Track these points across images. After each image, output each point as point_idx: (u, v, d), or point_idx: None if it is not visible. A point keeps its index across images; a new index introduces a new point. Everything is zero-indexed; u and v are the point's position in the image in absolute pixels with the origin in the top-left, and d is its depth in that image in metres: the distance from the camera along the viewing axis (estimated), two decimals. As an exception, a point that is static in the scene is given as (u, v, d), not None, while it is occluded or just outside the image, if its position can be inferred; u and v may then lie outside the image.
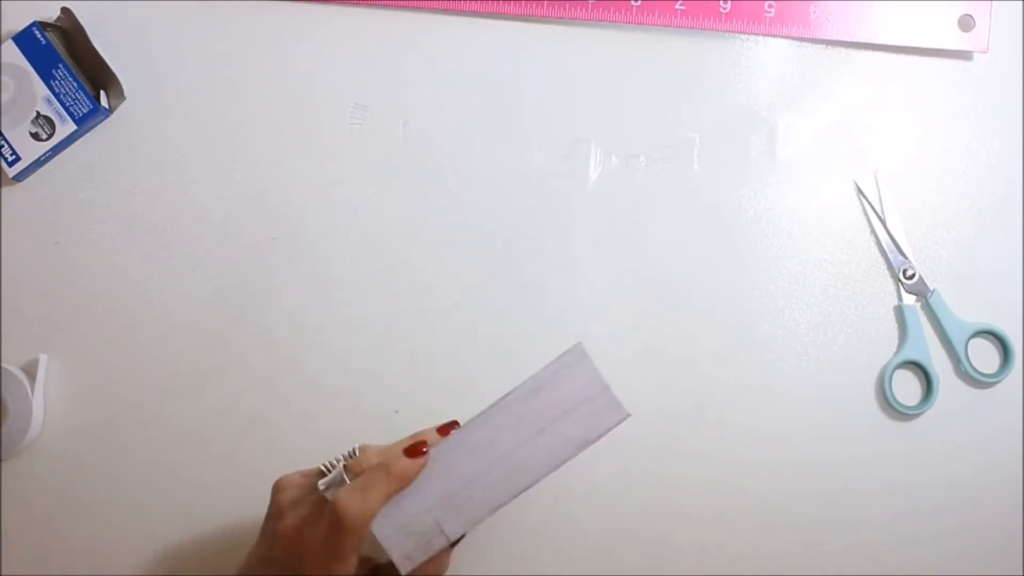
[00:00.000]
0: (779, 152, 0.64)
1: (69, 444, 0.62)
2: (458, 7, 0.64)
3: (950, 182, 0.64)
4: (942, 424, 0.62)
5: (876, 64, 0.65)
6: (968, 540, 0.62)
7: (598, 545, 0.61)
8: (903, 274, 0.63)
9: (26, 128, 0.62)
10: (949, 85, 0.65)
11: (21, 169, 0.62)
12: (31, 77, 0.62)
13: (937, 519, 0.62)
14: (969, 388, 0.63)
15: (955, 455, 0.62)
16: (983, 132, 0.64)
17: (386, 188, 0.64)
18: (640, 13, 0.64)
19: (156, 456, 0.62)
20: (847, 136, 0.64)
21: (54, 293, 0.63)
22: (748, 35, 0.65)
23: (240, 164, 0.64)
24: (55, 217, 0.64)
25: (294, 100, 0.64)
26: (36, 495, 0.62)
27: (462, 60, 0.65)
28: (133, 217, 0.64)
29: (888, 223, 0.63)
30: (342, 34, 0.65)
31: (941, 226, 0.64)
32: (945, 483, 0.62)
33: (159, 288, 0.63)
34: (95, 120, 0.63)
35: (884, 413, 0.62)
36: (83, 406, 0.63)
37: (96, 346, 0.63)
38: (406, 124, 0.64)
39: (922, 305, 0.63)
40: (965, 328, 0.62)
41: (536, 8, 0.64)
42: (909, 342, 0.62)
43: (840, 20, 0.64)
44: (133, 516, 0.62)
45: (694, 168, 0.64)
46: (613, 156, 0.64)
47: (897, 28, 0.64)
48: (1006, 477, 0.62)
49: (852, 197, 0.64)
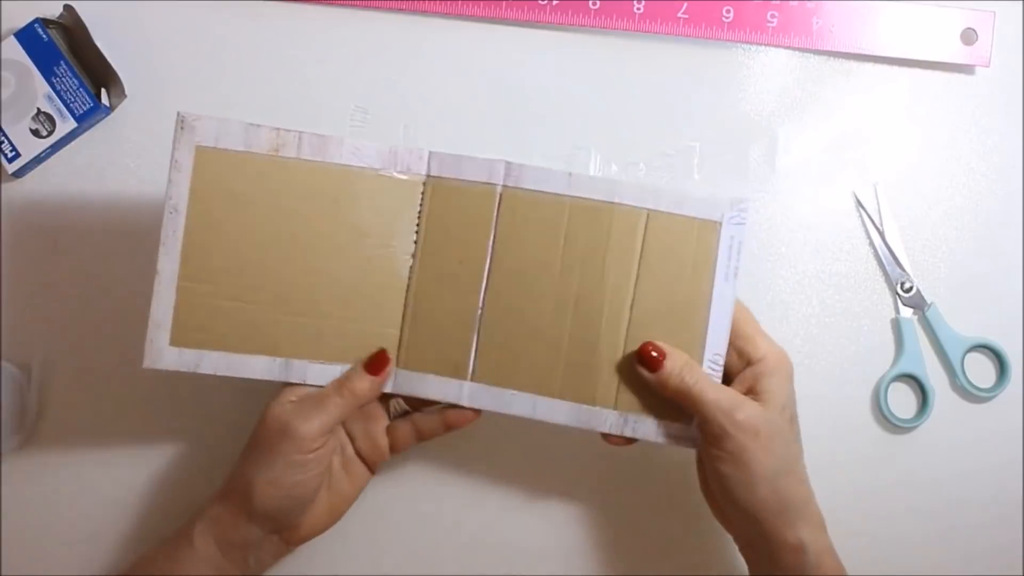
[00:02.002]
0: (779, 162, 0.64)
1: (64, 442, 0.62)
2: (460, 11, 0.64)
3: (949, 195, 0.64)
4: (937, 437, 0.62)
5: (878, 76, 0.65)
6: (963, 553, 0.62)
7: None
8: (901, 287, 0.63)
9: (26, 125, 0.62)
10: (950, 98, 0.65)
11: (21, 165, 0.62)
12: (32, 74, 0.62)
13: (932, 532, 0.62)
14: (965, 402, 0.63)
15: (950, 469, 0.62)
16: (983, 146, 0.64)
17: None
18: (643, 21, 0.64)
19: (153, 455, 0.62)
20: (847, 148, 0.64)
21: (52, 291, 0.63)
22: (750, 44, 0.65)
23: (240, 164, 0.64)
24: (54, 214, 0.64)
25: (295, 101, 0.64)
26: (32, 493, 0.62)
27: (464, 65, 0.65)
28: (132, 215, 0.64)
29: (887, 236, 0.63)
30: (344, 36, 0.65)
31: (940, 240, 0.64)
32: (940, 496, 0.62)
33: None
34: (96, 118, 0.63)
35: (879, 426, 0.62)
36: (78, 404, 0.63)
37: (93, 345, 0.63)
38: (407, 128, 0.64)
39: (919, 318, 0.63)
40: (962, 342, 0.62)
41: (538, 14, 0.64)
42: (905, 355, 0.62)
43: (843, 31, 0.64)
44: (130, 514, 0.62)
45: (694, 177, 0.64)
46: (613, 164, 0.64)
47: (899, 40, 0.64)
48: (1001, 491, 0.62)
49: (851, 209, 0.64)
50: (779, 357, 0.53)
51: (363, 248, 0.54)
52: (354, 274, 0.54)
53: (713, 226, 0.53)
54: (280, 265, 0.54)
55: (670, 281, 0.53)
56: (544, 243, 0.54)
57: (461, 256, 0.54)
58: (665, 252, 0.53)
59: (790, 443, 0.52)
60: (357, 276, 0.54)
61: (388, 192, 0.54)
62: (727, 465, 0.51)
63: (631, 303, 0.54)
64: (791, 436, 0.52)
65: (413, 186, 0.54)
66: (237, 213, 0.53)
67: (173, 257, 0.53)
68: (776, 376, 0.53)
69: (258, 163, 0.53)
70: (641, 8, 0.64)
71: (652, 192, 0.53)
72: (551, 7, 0.64)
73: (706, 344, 0.53)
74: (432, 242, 0.55)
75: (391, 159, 0.54)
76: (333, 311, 0.54)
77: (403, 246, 0.55)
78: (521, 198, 0.54)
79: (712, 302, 0.53)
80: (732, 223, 0.53)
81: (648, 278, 0.53)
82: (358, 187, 0.54)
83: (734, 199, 0.53)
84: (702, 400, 0.51)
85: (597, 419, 0.54)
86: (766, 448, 0.51)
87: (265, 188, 0.53)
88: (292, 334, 0.54)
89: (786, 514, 0.51)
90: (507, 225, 0.54)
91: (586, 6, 0.64)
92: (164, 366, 0.54)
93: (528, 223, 0.54)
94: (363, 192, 0.54)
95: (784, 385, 0.53)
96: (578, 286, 0.54)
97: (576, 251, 0.54)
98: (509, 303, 0.54)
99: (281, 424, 0.52)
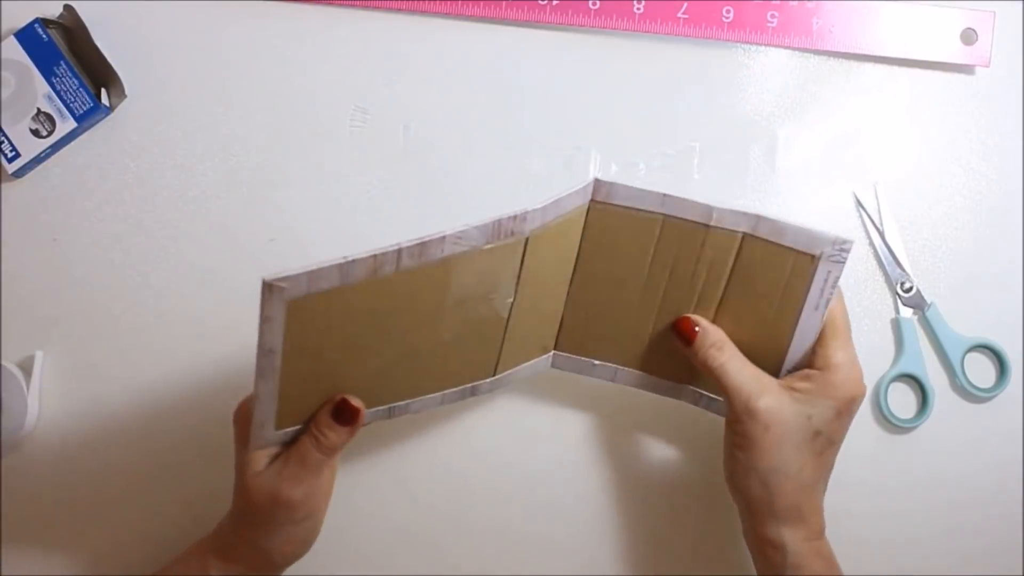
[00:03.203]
0: (779, 163, 0.64)
1: (65, 441, 0.62)
2: (460, 11, 0.64)
3: (949, 195, 0.64)
4: (937, 438, 0.62)
5: (878, 76, 0.65)
6: (964, 553, 0.62)
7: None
8: (901, 287, 0.63)
9: (26, 125, 0.62)
10: (950, 98, 0.65)
11: (21, 166, 0.62)
12: (32, 74, 0.62)
13: (932, 532, 0.62)
14: (965, 402, 0.63)
15: (950, 469, 0.62)
16: (983, 146, 0.64)
17: (385, 191, 0.64)
18: (642, 21, 0.64)
19: (152, 453, 0.62)
20: (847, 148, 0.64)
21: (51, 290, 0.63)
22: (750, 44, 0.65)
23: (240, 164, 0.64)
24: (54, 214, 0.64)
25: (295, 101, 0.64)
26: (32, 491, 0.62)
27: (463, 65, 0.65)
28: (132, 215, 0.64)
29: (887, 236, 0.63)
30: (344, 36, 0.65)
31: (939, 240, 0.64)
32: (940, 496, 0.62)
33: (156, 287, 0.63)
34: (95, 118, 0.63)
35: (879, 426, 0.62)
36: (79, 403, 0.63)
37: (92, 343, 0.63)
38: (406, 128, 0.64)
39: (919, 318, 0.63)
40: (962, 342, 0.62)
41: (538, 14, 0.64)
42: (905, 355, 0.62)
43: (843, 31, 0.64)
44: (129, 512, 0.62)
45: (694, 177, 0.64)
46: (613, 164, 0.64)
47: (899, 40, 0.64)
48: (1001, 491, 0.62)
49: (851, 209, 0.64)
50: (847, 380, 0.53)
51: (462, 311, 0.52)
52: (454, 335, 0.53)
53: (810, 259, 0.52)
54: (379, 355, 0.52)
55: (758, 299, 0.54)
56: (633, 252, 0.54)
57: (553, 272, 0.54)
58: (757, 273, 0.53)
59: (801, 450, 0.52)
60: (457, 335, 0.53)
61: (491, 257, 0.50)
62: (735, 446, 0.53)
63: (717, 307, 0.55)
64: (806, 446, 0.52)
65: (516, 244, 0.51)
66: (335, 332, 0.50)
67: (270, 381, 0.49)
68: (828, 393, 0.52)
69: (356, 289, 0.48)
70: (641, 8, 0.64)
71: (751, 219, 0.52)
72: (551, 7, 0.64)
73: (784, 365, 0.55)
74: (529, 277, 0.53)
75: (495, 232, 0.49)
76: (433, 367, 0.54)
77: (503, 293, 0.53)
78: (611, 212, 0.52)
79: (797, 328, 0.54)
80: (831, 260, 0.52)
81: (736, 291, 0.54)
82: (461, 267, 0.50)
83: (837, 239, 0.51)
84: (725, 380, 0.53)
85: (674, 391, 0.58)
86: (772, 445, 0.51)
87: (364, 307, 0.49)
88: (394, 388, 0.54)
89: (769, 511, 0.52)
90: (595, 232, 0.53)
91: (586, 6, 0.64)
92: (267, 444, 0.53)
93: (618, 233, 0.53)
94: (466, 270, 0.50)
95: (829, 406, 0.52)
96: (666, 288, 0.54)
97: (665, 261, 0.54)
98: (595, 296, 0.55)
99: (270, 495, 0.51)
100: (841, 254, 0.52)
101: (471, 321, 0.53)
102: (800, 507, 0.52)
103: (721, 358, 0.53)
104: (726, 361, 0.53)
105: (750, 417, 0.51)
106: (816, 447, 0.52)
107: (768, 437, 0.51)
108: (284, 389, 0.50)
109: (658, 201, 0.52)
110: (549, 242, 0.52)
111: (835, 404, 0.52)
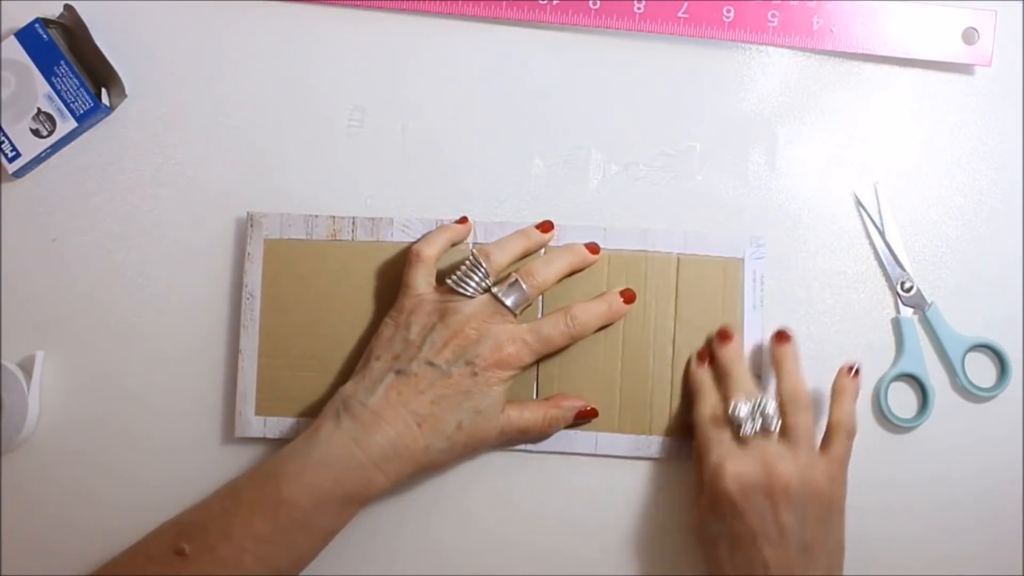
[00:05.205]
0: (779, 163, 0.64)
1: (65, 440, 0.63)
2: (460, 11, 0.64)
3: (950, 195, 0.64)
4: (938, 437, 0.62)
5: (878, 76, 0.65)
6: (963, 553, 0.62)
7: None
8: (901, 286, 0.63)
9: (27, 124, 0.62)
10: (951, 98, 0.65)
11: (21, 165, 0.63)
12: (33, 73, 0.62)
13: (932, 532, 0.62)
14: (965, 402, 0.63)
15: (950, 469, 0.62)
16: (984, 146, 0.64)
17: (384, 191, 0.64)
18: (643, 21, 0.64)
19: (152, 452, 0.62)
20: (848, 147, 0.64)
21: (51, 290, 0.63)
22: (750, 44, 0.65)
23: (240, 164, 0.64)
24: (54, 214, 0.64)
25: (294, 101, 0.64)
26: (33, 491, 0.62)
27: (462, 64, 0.65)
28: (132, 215, 0.64)
29: (887, 235, 0.63)
30: (343, 36, 0.65)
31: (940, 239, 0.64)
32: (940, 496, 0.62)
33: (156, 286, 0.63)
34: (96, 118, 0.63)
35: (880, 425, 0.62)
36: (79, 402, 0.63)
37: (93, 343, 0.63)
38: (405, 128, 0.64)
39: (919, 318, 0.63)
40: (962, 342, 0.62)
41: (538, 14, 0.64)
42: (906, 355, 0.62)
43: (843, 31, 0.64)
44: (130, 511, 0.62)
45: (695, 177, 0.64)
46: (613, 164, 0.64)
47: (900, 40, 0.64)
48: (1002, 491, 0.62)
49: (851, 208, 0.64)
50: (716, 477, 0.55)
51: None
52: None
53: (737, 263, 0.60)
54: (344, 334, 0.60)
55: (704, 314, 0.60)
56: (588, 294, 0.60)
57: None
58: (698, 289, 0.60)
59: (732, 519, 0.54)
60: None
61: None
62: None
63: (673, 338, 0.60)
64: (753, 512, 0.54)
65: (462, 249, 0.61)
66: (305, 292, 0.60)
67: (252, 336, 0.60)
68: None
69: (319, 247, 0.61)
70: (641, 8, 0.64)
71: (680, 237, 0.60)
72: (551, 7, 0.64)
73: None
74: None
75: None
76: None
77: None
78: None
79: (744, 329, 0.60)
80: (753, 258, 0.60)
81: (685, 314, 0.60)
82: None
83: (752, 237, 0.61)
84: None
85: (653, 447, 0.60)
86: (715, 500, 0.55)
87: (327, 269, 0.60)
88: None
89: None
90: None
91: (586, 6, 0.64)
92: (252, 434, 0.60)
93: (572, 279, 0.60)
94: None
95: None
96: (624, 329, 0.60)
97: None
98: (562, 353, 0.59)
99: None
100: (759, 250, 0.60)
101: None
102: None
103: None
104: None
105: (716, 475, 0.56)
106: (763, 522, 0.54)
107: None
108: (264, 350, 0.60)
109: (600, 236, 0.60)
110: None
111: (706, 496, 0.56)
